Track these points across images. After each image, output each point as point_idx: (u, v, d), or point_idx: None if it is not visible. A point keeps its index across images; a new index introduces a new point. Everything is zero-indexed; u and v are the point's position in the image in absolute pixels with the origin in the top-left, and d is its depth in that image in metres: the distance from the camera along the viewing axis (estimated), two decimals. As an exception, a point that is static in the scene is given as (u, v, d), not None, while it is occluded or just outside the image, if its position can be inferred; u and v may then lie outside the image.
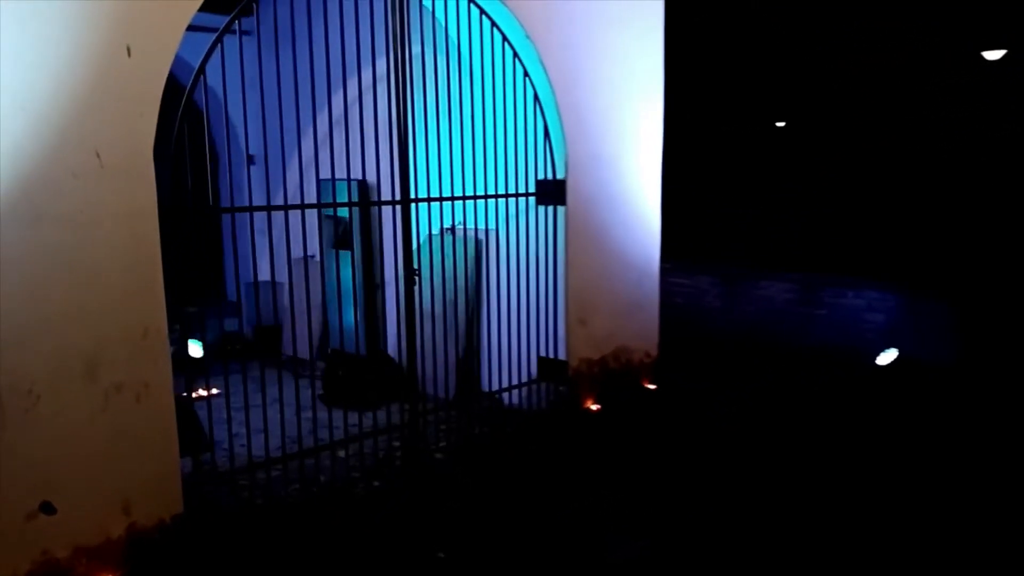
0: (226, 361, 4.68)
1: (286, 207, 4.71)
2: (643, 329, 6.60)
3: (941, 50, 11.60)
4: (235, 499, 4.44)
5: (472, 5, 5.25)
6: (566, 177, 5.83)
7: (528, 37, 5.45)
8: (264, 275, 8.15)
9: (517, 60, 5.53)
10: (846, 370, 7.35)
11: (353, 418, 5.27)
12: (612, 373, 6.32)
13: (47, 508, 3.50)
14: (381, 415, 5.31)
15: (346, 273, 7.20)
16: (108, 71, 3.55)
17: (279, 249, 7.01)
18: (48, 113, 3.38)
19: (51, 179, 3.42)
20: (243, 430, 4.72)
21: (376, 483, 4.90)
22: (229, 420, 4.39)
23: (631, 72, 6.23)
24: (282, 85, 4.43)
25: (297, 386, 4.76)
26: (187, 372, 4.21)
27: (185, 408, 5.32)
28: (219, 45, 3.99)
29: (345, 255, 7.38)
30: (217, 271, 9.00)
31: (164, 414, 3.88)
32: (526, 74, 5.57)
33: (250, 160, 8.26)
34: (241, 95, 4.45)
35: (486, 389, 6.16)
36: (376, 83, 5.16)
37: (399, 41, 4.94)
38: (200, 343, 7.21)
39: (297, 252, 7.24)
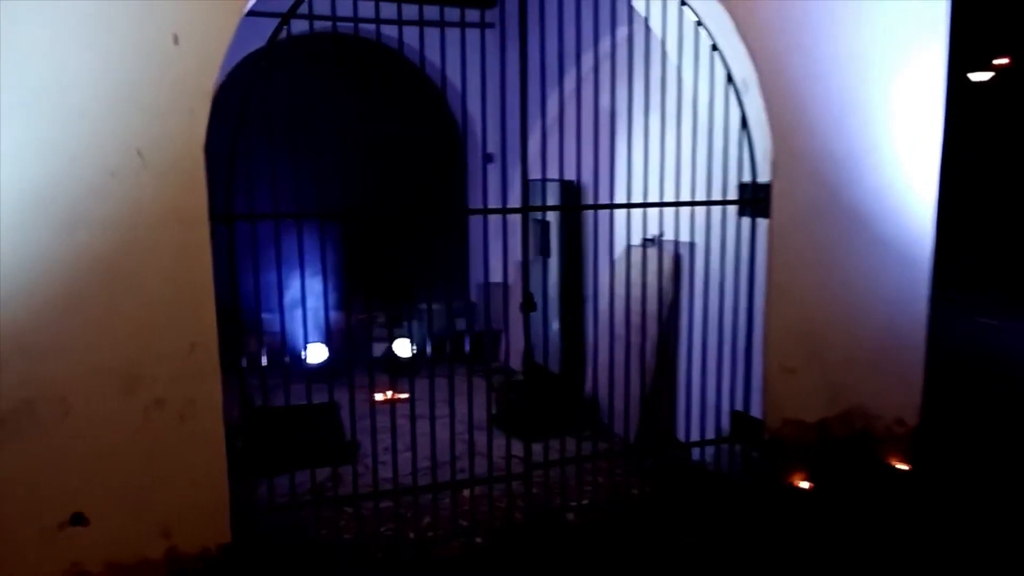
0: (432, 364, 4.42)
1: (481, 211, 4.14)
2: (895, 385, 4.89)
3: None
4: (299, 534, 4.04)
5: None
6: (771, 181, 4.44)
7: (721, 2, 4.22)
8: (496, 277, 7.85)
9: (702, 27, 4.33)
10: None
11: (515, 448, 4.60)
12: (837, 442, 4.76)
13: (78, 519, 3.39)
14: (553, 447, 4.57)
15: (550, 281, 6.52)
16: (153, 60, 3.28)
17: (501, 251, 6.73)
18: (84, 108, 3.20)
19: (88, 180, 3.24)
20: (400, 445, 4.38)
21: (478, 539, 4.16)
22: (374, 433, 4.07)
23: (883, 38, 4.56)
24: (514, 80, 4.08)
25: (471, 405, 4.37)
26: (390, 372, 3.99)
27: (330, 414, 5.17)
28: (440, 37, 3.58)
29: (554, 262, 6.70)
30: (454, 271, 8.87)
31: (211, 434, 3.57)
32: (715, 47, 4.33)
33: (488, 158, 7.95)
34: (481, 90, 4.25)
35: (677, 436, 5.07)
36: (581, 81, 4.52)
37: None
38: (410, 342, 7.16)
39: (514, 256, 6.78)
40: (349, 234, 6.83)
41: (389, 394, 5.47)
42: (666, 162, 4.45)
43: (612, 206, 4.50)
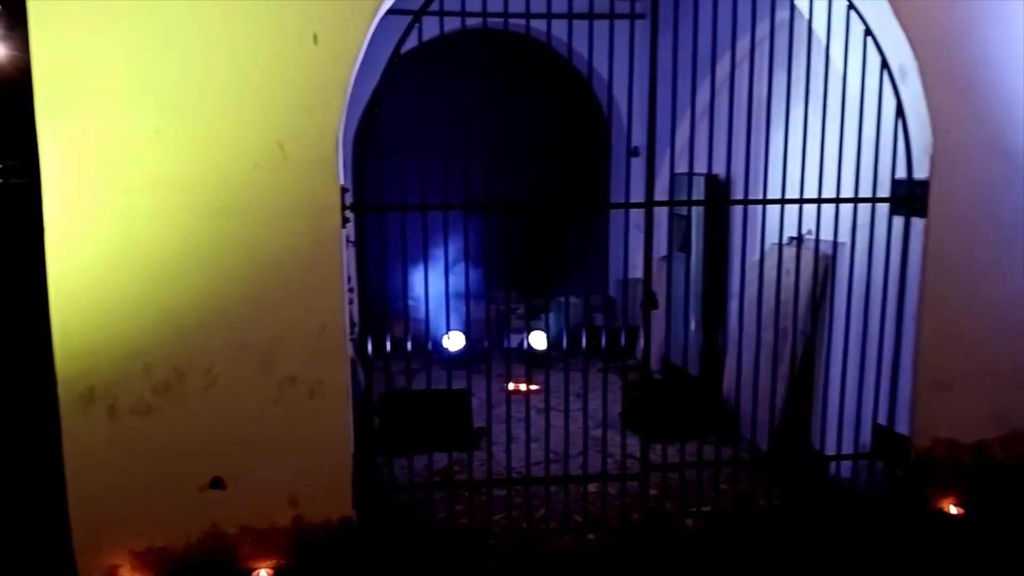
0: (566, 358, 4.53)
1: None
2: (1073, 410, 4.35)
3: None
4: (416, 514, 4.16)
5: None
6: (929, 178, 4.07)
7: (877, -20, 3.90)
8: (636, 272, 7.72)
9: (853, 11, 4.02)
10: None
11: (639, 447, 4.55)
12: (997, 467, 4.30)
13: (217, 483, 3.69)
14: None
15: (691, 278, 6.33)
16: (294, 59, 3.49)
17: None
18: (233, 104, 3.47)
19: (235, 169, 3.51)
20: (523, 435, 4.49)
21: (591, 536, 4.12)
22: (490, 421, 4.12)
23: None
24: (665, 71, 4.02)
25: (605, 397, 4.37)
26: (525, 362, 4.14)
27: (461, 401, 5.30)
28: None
29: (695, 259, 6.50)
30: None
31: (337, 413, 3.77)
32: (869, 32, 4.01)
33: (634, 152, 7.83)
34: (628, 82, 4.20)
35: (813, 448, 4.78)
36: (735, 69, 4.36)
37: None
38: (545, 335, 7.21)
39: (657, 252, 6.65)
40: (492, 226, 6.96)
41: (522, 385, 5.57)
42: (814, 156, 4.18)
43: (752, 201, 4.29)
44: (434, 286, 4.27)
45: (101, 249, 3.43)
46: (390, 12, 3.77)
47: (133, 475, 3.59)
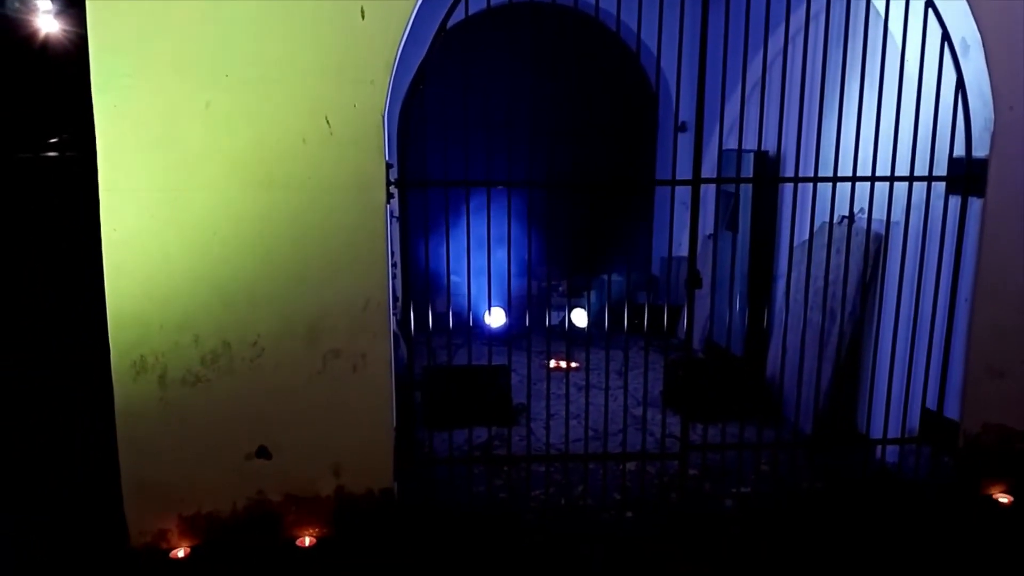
0: (608, 336, 4.53)
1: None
2: None
3: None
4: (456, 488, 4.20)
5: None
6: (989, 156, 3.93)
7: (940, -50, 3.75)
8: (681, 251, 7.64)
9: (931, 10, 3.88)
10: None
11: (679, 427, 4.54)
12: (1051, 455, 4.19)
13: (262, 452, 3.77)
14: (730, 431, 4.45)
15: (738, 257, 6.24)
16: (340, 34, 3.49)
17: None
18: (281, 78, 3.49)
19: (283, 144, 3.54)
20: (562, 412, 4.47)
21: (629, 514, 4.13)
22: (529, 399, 4.15)
23: None
24: (716, 44, 3.93)
25: (646, 375, 4.34)
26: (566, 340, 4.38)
27: (501, 377, 5.32)
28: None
29: (742, 237, 6.40)
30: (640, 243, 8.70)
31: (379, 387, 3.81)
32: (930, 4, 3.86)
33: (681, 128, 7.70)
34: (677, 56, 4.09)
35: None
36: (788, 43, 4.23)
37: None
38: (586, 312, 7.19)
39: (704, 230, 6.57)
40: (536, 202, 6.92)
41: (563, 363, 5.55)
42: (868, 133, 4.05)
43: (803, 179, 4.19)
44: (476, 262, 4.28)
45: (153, 221, 3.51)
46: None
47: (183, 443, 3.69)
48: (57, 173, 6.50)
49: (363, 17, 3.50)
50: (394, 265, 5.04)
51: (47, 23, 6.68)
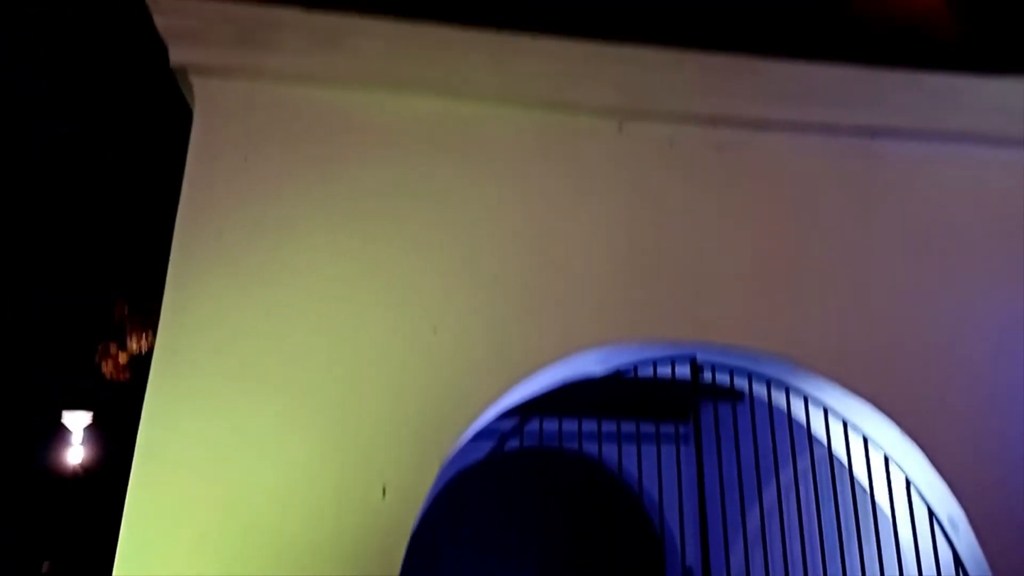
0: None
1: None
2: None
3: None
4: None
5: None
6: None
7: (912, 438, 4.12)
8: None
9: (912, 489, 4.19)
10: None
11: None
12: None
13: None
14: None
15: None
16: (360, 511, 3.68)
17: None
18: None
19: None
20: None
21: None
22: None
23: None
24: (713, 493, 4.18)
25: None
26: None
27: None
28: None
29: None
30: None
31: None
32: (909, 483, 4.13)
33: (688, 573, 7.62)
34: (678, 503, 4.36)
35: None
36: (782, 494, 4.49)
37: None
38: None
39: None
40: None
41: None
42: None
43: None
44: None
45: None
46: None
47: None
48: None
49: (384, 496, 3.72)
50: None
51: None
